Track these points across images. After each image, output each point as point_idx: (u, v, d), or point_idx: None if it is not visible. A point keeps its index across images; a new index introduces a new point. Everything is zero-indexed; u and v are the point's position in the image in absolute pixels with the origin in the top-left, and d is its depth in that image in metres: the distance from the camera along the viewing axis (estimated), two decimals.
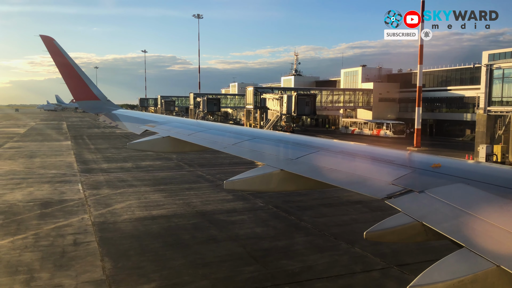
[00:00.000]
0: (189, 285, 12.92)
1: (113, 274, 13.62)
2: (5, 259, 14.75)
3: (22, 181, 28.85)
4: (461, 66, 78.27)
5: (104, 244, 16.35)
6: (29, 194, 24.69)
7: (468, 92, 75.16)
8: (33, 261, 14.60)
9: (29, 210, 21.10)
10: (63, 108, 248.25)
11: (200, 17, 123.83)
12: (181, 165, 36.92)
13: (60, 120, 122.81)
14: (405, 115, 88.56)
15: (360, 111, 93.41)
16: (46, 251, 15.54)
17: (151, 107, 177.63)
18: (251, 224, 19.48)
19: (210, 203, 23.14)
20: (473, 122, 74.03)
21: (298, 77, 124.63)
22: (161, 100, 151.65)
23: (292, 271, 14.00)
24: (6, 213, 20.59)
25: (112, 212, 21.07)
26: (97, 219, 19.76)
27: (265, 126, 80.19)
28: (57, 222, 19.19)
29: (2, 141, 56.68)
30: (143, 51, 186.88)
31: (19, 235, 17.22)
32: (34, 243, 16.42)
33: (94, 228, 18.39)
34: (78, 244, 16.42)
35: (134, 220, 19.82)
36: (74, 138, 62.59)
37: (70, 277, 13.33)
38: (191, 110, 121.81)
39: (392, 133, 75.94)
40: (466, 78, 77.38)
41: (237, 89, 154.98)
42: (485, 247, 3.61)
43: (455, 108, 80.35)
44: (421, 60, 53.44)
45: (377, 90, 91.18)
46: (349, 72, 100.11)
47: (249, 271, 14.00)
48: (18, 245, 16.08)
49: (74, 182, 28.81)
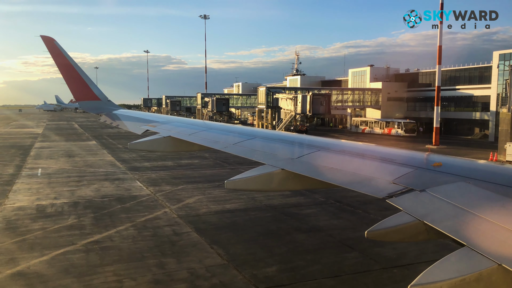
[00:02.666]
0: (306, 269, 14.32)
1: (231, 259, 14.99)
2: (123, 247, 16.09)
3: (81, 178, 30.06)
4: (470, 65, 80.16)
5: (202, 234, 17.70)
6: (97, 191, 25.96)
7: (477, 91, 77.09)
8: (150, 248, 15.95)
9: (109, 205, 22.37)
10: (62, 108, 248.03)
11: (206, 18, 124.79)
12: (220, 163, 38.21)
13: (67, 121, 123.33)
14: (413, 114, 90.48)
15: (369, 110, 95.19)
16: (155, 241, 16.89)
17: (154, 107, 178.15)
18: (324, 216, 20.91)
19: (272, 197, 24.50)
20: (482, 121, 76.27)
21: (304, 76, 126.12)
22: (165, 100, 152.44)
23: (390, 257, 15.43)
24: (91, 207, 21.86)
25: (188, 206, 22.40)
26: (179, 212, 21.09)
27: (278, 126, 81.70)
28: (144, 215, 20.49)
29: (30, 141, 57.65)
30: (145, 51, 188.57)
31: (120, 227, 18.52)
32: (138, 233, 17.75)
33: (182, 220, 19.72)
34: (179, 234, 17.76)
35: (214, 213, 21.18)
36: (96, 138, 63.58)
37: (194, 262, 14.70)
38: (198, 110, 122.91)
39: (404, 132, 77.74)
40: (475, 78, 79.21)
41: (241, 89, 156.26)
42: (487, 246, 3.63)
43: (464, 107, 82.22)
44: (439, 61, 55.27)
45: (385, 90, 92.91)
46: (357, 72, 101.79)
47: (352, 257, 15.44)
48: (126, 236, 17.41)
49: (130, 179, 30.05)
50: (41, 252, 15.26)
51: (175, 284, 12.94)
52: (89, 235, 17.41)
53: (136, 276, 13.41)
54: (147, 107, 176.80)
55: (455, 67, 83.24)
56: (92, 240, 16.73)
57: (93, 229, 18.25)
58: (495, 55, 69.07)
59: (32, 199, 23.53)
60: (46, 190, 25.92)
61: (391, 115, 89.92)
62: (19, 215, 20.30)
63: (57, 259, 14.72)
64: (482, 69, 77.10)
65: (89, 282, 12.93)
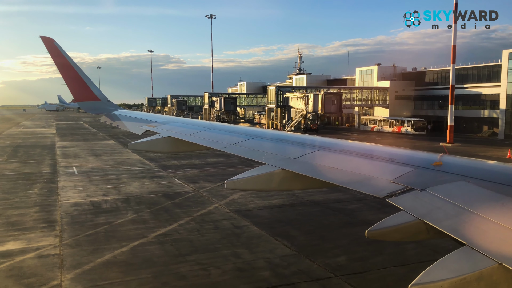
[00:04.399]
0: (372, 259, 15.25)
1: (299, 250, 15.90)
2: (193, 239, 17.00)
3: (118, 176, 30.92)
4: (478, 64, 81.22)
5: (261, 227, 18.60)
6: (141, 188, 26.84)
7: (486, 89, 78.13)
8: (218, 240, 16.89)
9: (160, 201, 23.26)
10: (64, 108, 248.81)
11: (213, 18, 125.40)
12: (246, 161, 39.02)
13: (75, 121, 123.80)
14: (420, 112, 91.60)
15: (376, 109, 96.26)
16: (220, 233, 17.81)
17: (158, 106, 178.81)
18: (370, 211, 21.83)
19: (313, 194, 25.39)
20: (491, 119, 77.34)
21: (310, 75, 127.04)
22: (171, 99, 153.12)
23: (448, 248, 16.26)
24: (143, 203, 22.75)
25: (235, 202, 23.29)
26: (229, 207, 21.98)
27: (288, 125, 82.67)
28: (197, 210, 21.38)
29: (49, 141, 58.43)
30: (149, 51, 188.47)
31: (180, 221, 19.41)
32: (201, 227, 18.66)
33: (236, 214, 20.62)
34: (239, 227, 18.67)
35: (263, 208, 22.08)
36: (112, 138, 64.24)
37: (266, 252, 15.61)
38: (205, 109, 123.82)
39: (413, 130, 78.76)
40: (483, 76, 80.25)
41: (246, 88, 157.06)
42: (487, 245, 3.63)
43: (471, 105, 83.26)
44: (453, 60, 56.31)
45: (393, 88, 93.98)
46: (365, 70, 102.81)
47: (411, 248, 16.30)
48: (190, 229, 18.31)
49: (167, 177, 30.91)
50: (119, 244, 16.16)
51: (258, 271, 13.86)
52: (155, 228, 18.29)
53: (218, 264, 14.32)
54: (152, 107, 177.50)
55: (464, 66, 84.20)
56: (160, 233, 17.62)
57: (156, 223, 19.12)
58: (505, 53, 70.14)
59: (83, 196, 24.39)
60: (91, 188, 26.77)
61: (398, 114, 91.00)
62: (79, 210, 21.17)
63: (137, 250, 15.62)
64: (491, 67, 78.20)
65: (177, 270, 13.83)
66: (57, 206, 22.06)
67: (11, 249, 15.70)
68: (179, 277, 13.35)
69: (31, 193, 25.13)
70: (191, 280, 13.20)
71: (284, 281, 13.17)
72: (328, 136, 71.55)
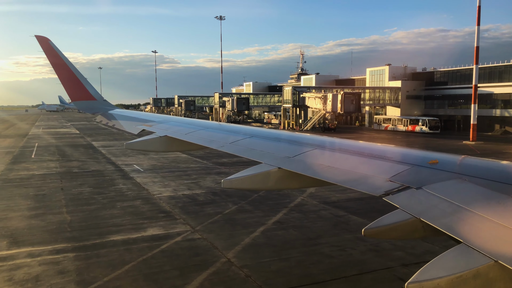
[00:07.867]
0: None
1: None
2: (308, 225, 18.84)
3: (184, 173, 32.63)
4: (490, 64, 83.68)
5: (361, 216, 20.43)
6: (217, 182, 28.49)
7: (497, 89, 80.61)
8: (333, 226, 18.74)
9: (246, 194, 24.90)
10: (65, 108, 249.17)
11: (222, 19, 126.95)
12: None
13: (88, 121, 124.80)
14: (431, 112, 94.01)
15: (388, 108, 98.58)
16: (327, 221, 19.67)
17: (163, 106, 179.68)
18: None
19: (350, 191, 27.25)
20: (503, 118, 79.86)
21: (319, 76, 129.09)
22: (178, 99, 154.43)
23: None
24: (232, 196, 24.38)
25: (315, 195, 25.06)
26: (314, 200, 23.78)
27: (304, 125, 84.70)
28: (288, 202, 23.13)
29: (82, 140, 59.82)
30: (153, 51, 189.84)
31: (282, 211, 21.12)
32: (305, 216, 20.45)
33: (327, 206, 22.40)
34: (340, 216, 20.51)
35: (346, 200, 23.86)
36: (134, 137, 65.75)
37: None
38: (216, 109, 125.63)
39: (428, 129, 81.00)
40: (494, 76, 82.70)
41: (252, 88, 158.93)
42: (483, 242, 3.65)
43: (483, 104, 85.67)
44: (477, 61, 58.68)
45: (404, 88, 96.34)
46: (375, 70, 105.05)
47: None
48: (297, 217, 20.11)
49: (230, 172, 32.58)
50: (247, 230, 17.97)
51: (391, 252, 15.68)
52: (266, 217, 20.05)
53: (352, 246, 16.12)
54: (157, 107, 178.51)
55: (471, 66, 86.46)
56: (274, 221, 19.42)
57: (262, 212, 20.87)
58: None
59: (170, 190, 26.11)
60: (170, 183, 28.45)
61: (409, 113, 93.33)
62: (182, 202, 22.93)
63: (267, 234, 17.43)
64: (502, 67, 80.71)
65: (320, 250, 15.64)
66: (155, 199, 23.74)
67: (156, 233, 17.46)
68: (327, 256, 15.16)
69: (121, 188, 26.80)
70: (339, 258, 15.01)
71: (421, 259, 15.00)
72: (346, 135, 73.39)
